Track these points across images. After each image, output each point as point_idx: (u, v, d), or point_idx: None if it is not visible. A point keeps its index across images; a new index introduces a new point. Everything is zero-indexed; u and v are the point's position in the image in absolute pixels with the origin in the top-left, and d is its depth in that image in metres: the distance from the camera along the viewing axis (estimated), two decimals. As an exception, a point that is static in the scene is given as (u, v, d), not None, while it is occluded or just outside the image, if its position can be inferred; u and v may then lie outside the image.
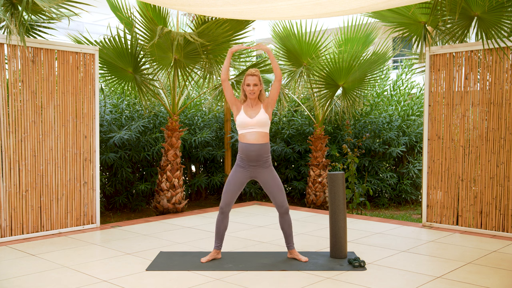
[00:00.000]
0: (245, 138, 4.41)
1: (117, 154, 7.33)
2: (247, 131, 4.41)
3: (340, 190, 4.66)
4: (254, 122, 4.38)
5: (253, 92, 4.42)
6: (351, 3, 4.95)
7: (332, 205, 4.69)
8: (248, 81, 4.43)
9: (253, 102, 4.47)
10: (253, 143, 4.38)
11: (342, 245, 4.65)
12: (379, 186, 8.27)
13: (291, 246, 4.60)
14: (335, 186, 4.66)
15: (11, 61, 5.37)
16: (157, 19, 6.75)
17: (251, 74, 4.44)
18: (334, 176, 4.66)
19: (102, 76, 6.88)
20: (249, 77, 4.43)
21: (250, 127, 4.39)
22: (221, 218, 4.50)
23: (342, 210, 4.66)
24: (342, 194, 4.67)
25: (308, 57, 7.58)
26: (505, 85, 5.57)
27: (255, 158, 4.39)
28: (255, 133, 4.40)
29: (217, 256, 4.60)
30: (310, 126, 8.37)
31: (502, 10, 5.54)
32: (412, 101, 8.85)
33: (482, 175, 5.73)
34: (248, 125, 4.39)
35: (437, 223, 6.04)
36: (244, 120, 4.40)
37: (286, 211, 4.50)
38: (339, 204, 4.66)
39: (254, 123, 4.38)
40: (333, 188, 4.67)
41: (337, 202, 4.66)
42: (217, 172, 8.51)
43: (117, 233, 5.75)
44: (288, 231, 4.56)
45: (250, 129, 4.40)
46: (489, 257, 4.69)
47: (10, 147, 5.36)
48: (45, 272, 4.26)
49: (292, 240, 4.60)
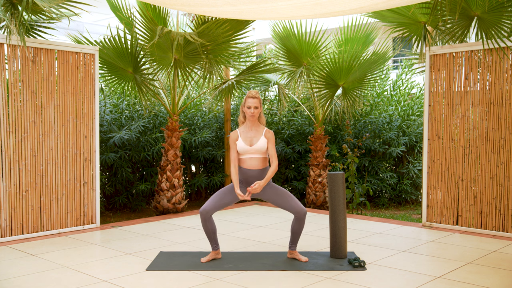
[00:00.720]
0: (245, 163, 4.42)
1: (117, 154, 7.33)
2: (247, 157, 4.41)
3: (340, 190, 4.66)
4: (254, 150, 4.39)
5: (253, 114, 4.42)
6: (351, 3, 4.95)
7: (332, 205, 4.68)
8: (248, 103, 4.42)
9: (252, 124, 4.47)
10: (253, 169, 4.40)
11: (342, 245, 4.65)
12: (379, 186, 8.27)
13: (294, 247, 4.59)
14: (335, 186, 4.66)
15: (11, 61, 5.37)
16: (157, 19, 6.75)
17: (252, 96, 4.42)
18: (334, 176, 4.66)
19: (102, 76, 6.88)
20: (250, 99, 4.42)
21: (250, 154, 4.40)
22: (203, 223, 4.40)
23: (342, 210, 4.66)
24: (342, 194, 4.67)
25: (308, 57, 7.58)
26: (505, 85, 5.57)
27: (254, 181, 4.40)
28: (255, 159, 4.41)
29: (216, 256, 4.60)
30: (310, 126, 8.37)
31: (502, 10, 5.54)
32: (412, 101, 8.85)
33: (482, 175, 5.73)
34: (247, 152, 4.40)
35: (437, 223, 6.04)
36: (244, 148, 4.39)
37: (305, 214, 4.44)
38: (339, 204, 4.66)
39: (253, 150, 4.39)
40: (333, 188, 4.67)
41: (337, 202, 4.66)
42: (217, 172, 8.50)
43: (117, 233, 5.75)
44: (298, 233, 4.52)
45: (250, 155, 4.40)
46: (489, 257, 4.69)
47: (10, 147, 5.36)
48: (45, 272, 4.26)
49: (297, 242, 4.59)
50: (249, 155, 4.41)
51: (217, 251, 4.59)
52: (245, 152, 4.41)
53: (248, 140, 4.42)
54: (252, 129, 4.47)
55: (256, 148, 4.39)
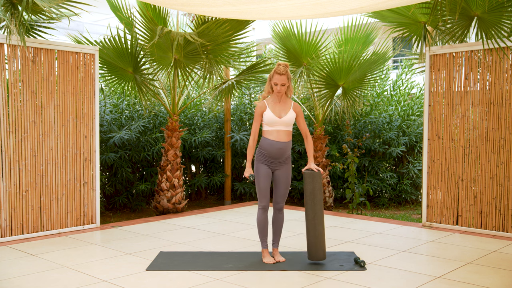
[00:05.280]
0: (272, 135, 4.38)
1: (117, 154, 7.33)
2: (274, 129, 4.38)
3: (318, 189, 4.38)
4: (282, 122, 4.37)
5: (280, 91, 4.38)
6: (351, 3, 4.96)
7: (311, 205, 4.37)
8: (275, 80, 4.34)
9: (280, 97, 4.43)
10: (280, 141, 4.37)
11: (321, 246, 4.41)
12: (379, 186, 8.27)
13: (276, 244, 4.61)
14: (314, 184, 4.36)
15: (11, 61, 5.37)
16: (157, 19, 6.75)
17: (279, 73, 4.32)
18: (312, 175, 4.36)
19: (102, 76, 6.88)
20: (277, 76, 4.34)
21: (278, 125, 4.37)
22: (264, 217, 4.47)
23: (320, 210, 4.38)
24: (320, 193, 4.40)
25: (308, 57, 7.58)
26: (505, 85, 5.57)
27: (278, 156, 4.39)
28: (282, 131, 4.39)
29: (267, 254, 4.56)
30: (310, 126, 8.37)
31: (502, 10, 5.54)
32: (412, 101, 8.85)
33: (482, 175, 5.73)
34: (276, 124, 4.37)
35: (437, 223, 6.04)
36: (272, 119, 4.35)
37: (280, 208, 4.52)
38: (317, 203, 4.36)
39: (282, 123, 4.37)
40: (309, 186, 4.37)
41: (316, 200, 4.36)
42: (217, 172, 8.50)
43: (117, 233, 5.75)
44: (279, 229, 4.57)
45: (278, 127, 4.38)
46: (489, 257, 4.69)
47: (10, 147, 5.36)
48: (45, 272, 4.26)
49: (279, 240, 4.60)
50: (277, 127, 4.37)
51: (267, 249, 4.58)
52: (273, 124, 4.37)
53: (276, 111, 4.38)
54: (280, 102, 4.43)
55: (285, 121, 4.36)
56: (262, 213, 4.47)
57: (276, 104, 4.41)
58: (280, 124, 4.37)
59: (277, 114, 4.37)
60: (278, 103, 4.42)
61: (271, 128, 4.38)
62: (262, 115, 4.39)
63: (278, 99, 4.43)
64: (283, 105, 4.42)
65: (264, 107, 4.40)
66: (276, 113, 4.37)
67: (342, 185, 8.39)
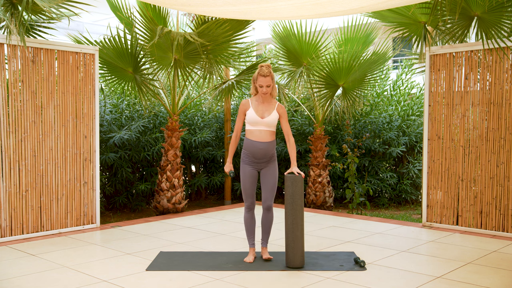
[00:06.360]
0: (253, 135, 4.40)
1: (117, 154, 7.33)
2: (256, 129, 4.40)
3: (298, 193, 4.30)
4: (264, 123, 4.39)
5: (265, 92, 4.40)
6: (351, 3, 4.96)
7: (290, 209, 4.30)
8: (260, 82, 4.36)
9: (265, 98, 4.44)
10: (261, 141, 4.39)
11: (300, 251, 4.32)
12: (379, 186, 8.27)
13: (264, 243, 4.62)
14: (293, 188, 4.30)
15: (11, 61, 5.37)
16: (157, 19, 6.75)
17: (263, 75, 4.34)
18: (293, 178, 4.30)
19: (102, 76, 6.88)
20: (261, 78, 4.35)
21: (260, 126, 4.39)
22: (249, 215, 4.56)
23: (299, 215, 4.30)
24: (301, 198, 4.32)
25: (308, 57, 7.58)
26: (505, 85, 5.57)
27: (260, 156, 4.41)
28: (264, 132, 4.40)
29: (254, 254, 4.61)
30: (310, 126, 8.37)
31: (502, 10, 5.54)
32: (412, 101, 8.85)
33: (482, 175, 5.73)
34: (258, 124, 4.39)
35: (437, 223, 6.04)
36: (255, 119, 4.38)
37: (268, 207, 4.52)
38: (297, 208, 4.29)
39: (264, 123, 4.39)
40: (289, 190, 4.30)
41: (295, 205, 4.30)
42: (217, 172, 8.50)
43: (117, 233, 5.75)
44: (267, 228, 4.58)
45: (260, 127, 4.39)
46: (489, 257, 4.69)
47: (10, 147, 5.36)
48: (45, 272, 4.26)
49: (267, 239, 4.62)
50: (259, 127, 4.39)
51: (254, 248, 4.63)
52: (255, 124, 4.39)
53: (259, 112, 4.40)
54: (264, 102, 4.45)
55: (267, 121, 4.38)
56: (247, 212, 4.57)
57: (260, 104, 4.44)
58: (262, 125, 4.39)
59: (260, 114, 4.39)
60: (262, 104, 4.44)
61: (254, 128, 4.41)
62: (245, 113, 4.44)
63: (262, 98, 4.45)
64: (267, 105, 4.44)
65: (247, 105, 4.45)
66: (259, 113, 4.40)
67: (342, 185, 8.39)
